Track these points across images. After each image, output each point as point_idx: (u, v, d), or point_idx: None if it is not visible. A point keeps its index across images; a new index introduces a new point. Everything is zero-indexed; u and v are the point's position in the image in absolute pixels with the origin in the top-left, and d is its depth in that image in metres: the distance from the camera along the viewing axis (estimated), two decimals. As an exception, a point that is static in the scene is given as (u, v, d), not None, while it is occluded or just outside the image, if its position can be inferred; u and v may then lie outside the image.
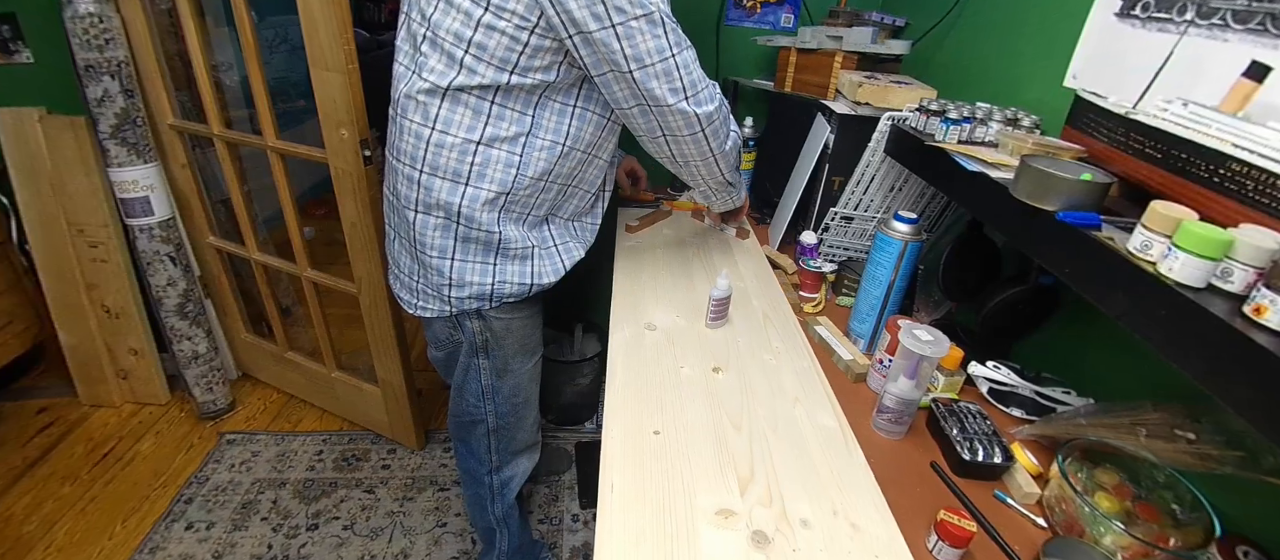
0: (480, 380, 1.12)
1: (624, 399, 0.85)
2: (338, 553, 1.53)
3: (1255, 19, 0.64)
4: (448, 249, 0.96)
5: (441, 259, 0.97)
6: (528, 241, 0.98)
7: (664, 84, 0.83)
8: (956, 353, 0.87)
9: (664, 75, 0.82)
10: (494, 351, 1.08)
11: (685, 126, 0.89)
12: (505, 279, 0.99)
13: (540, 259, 1.00)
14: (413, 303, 1.07)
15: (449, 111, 0.87)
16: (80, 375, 1.91)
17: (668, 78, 0.83)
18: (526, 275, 1.00)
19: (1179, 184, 0.61)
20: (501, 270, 0.99)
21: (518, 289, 1.00)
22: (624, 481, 0.71)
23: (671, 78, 0.83)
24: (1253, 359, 0.44)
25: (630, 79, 0.82)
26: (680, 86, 0.84)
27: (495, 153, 0.89)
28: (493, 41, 0.81)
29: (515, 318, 1.06)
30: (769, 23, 1.69)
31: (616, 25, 0.77)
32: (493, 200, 0.92)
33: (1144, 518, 0.69)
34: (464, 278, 0.98)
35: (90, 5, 1.43)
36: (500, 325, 1.05)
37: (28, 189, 1.71)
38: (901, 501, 0.72)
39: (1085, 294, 0.60)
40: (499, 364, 1.10)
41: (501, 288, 0.99)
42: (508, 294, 1.00)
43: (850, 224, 1.23)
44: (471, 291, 0.99)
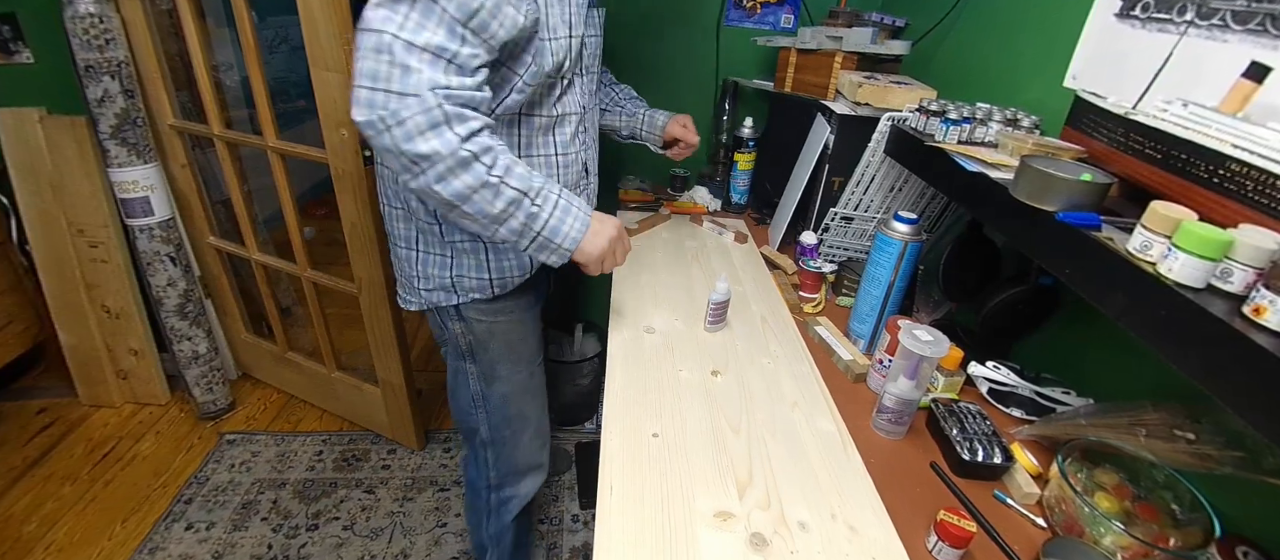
0: (469, 386, 1.08)
1: (623, 401, 0.85)
2: (338, 553, 1.53)
3: (1255, 19, 0.64)
4: (411, 239, 0.95)
5: (407, 249, 0.97)
6: (478, 237, 0.92)
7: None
8: (956, 353, 0.87)
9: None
10: (479, 355, 1.04)
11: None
12: (463, 273, 0.95)
13: (498, 253, 0.95)
14: (401, 295, 1.05)
15: None
16: (80, 375, 1.91)
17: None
18: (484, 269, 0.96)
19: (1179, 184, 0.61)
20: (459, 264, 0.95)
21: (478, 284, 0.96)
22: (623, 483, 0.71)
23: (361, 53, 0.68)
24: (1252, 359, 0.44)
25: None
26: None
27: None
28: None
29: (498, 320, 1.02)
30: (769, 23, 1.69)
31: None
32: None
33: (1144, 518, 0.69)
34: (427, 269, 0.96)
35: (90, 5, 1.43)
36: (482, 328, 1.01)
37: (28, 189, 1.71)
38: (901, 502, 0.72)
39: (1085, 294, 0.60)
40: (485, 369, 1.05)
41: (462, 281, 0.96)
42: (470, 288, 0.96)
43: (850, 224, 1.23)
44: (436, 284, 0.96)
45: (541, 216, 0.80)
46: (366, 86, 0.67)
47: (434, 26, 0.68)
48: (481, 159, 0.74)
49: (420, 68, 0.68)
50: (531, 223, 0.80)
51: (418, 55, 0.68)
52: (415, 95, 0.68)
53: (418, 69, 0.67)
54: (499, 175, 0.75)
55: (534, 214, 0.80)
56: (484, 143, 0.74)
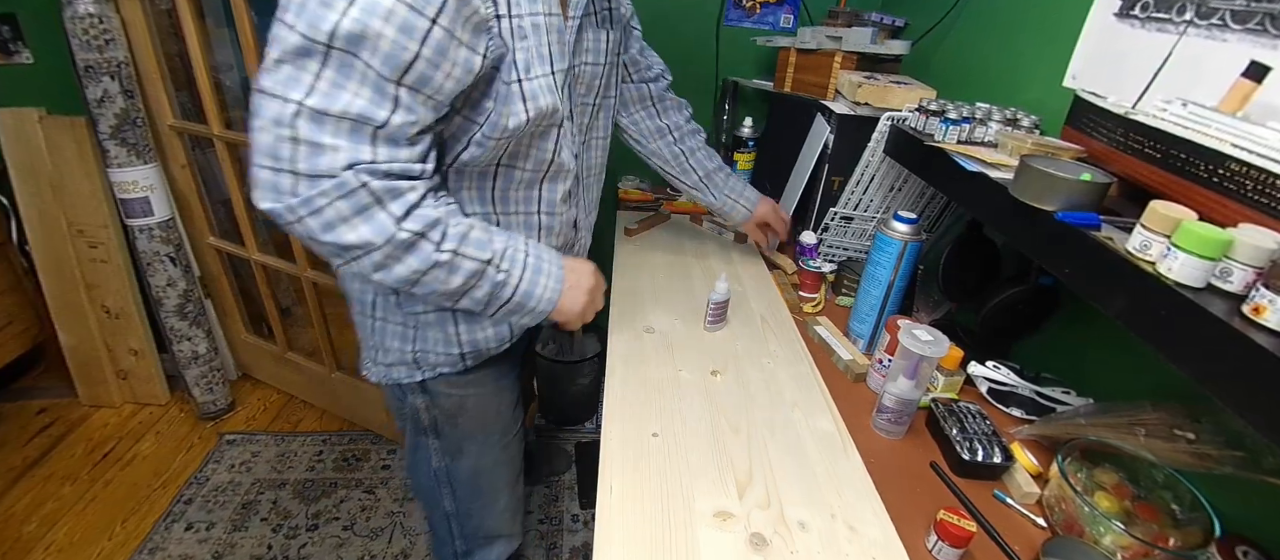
0: (430, 462, 0.93)
1: (623, 401, 0.85)
2: (338, 553, 1.53)
3: (1254, 19, 0.64)
4: (367, 304, 0.80)
5: (362, 316, 0.81)
6: (442, 303, 0.77)
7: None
8: (956, 353, 0.87)
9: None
10: (444, 431, 0.89)
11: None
12: (427, 347, 0.80)
13: (470, 322, 0.80)
14: (362, 364, 0.88)
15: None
16: (80, 375, 1.91)
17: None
18: (452, 343, 0.80)
19: (1178, 184, 0.61)
20: (422, 338, 0.80)
21: (446, 358, 0.81)
22: (623, 483, 0.71)
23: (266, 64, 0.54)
24: (1252, 359, 0.44)
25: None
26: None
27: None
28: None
29: (469, 393, 0.87)
30: (768, 23, 1.69)
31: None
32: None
33: (1143, 518, 0.69)
34: (385, 341, 0.81)
35: (90, 5, 1.43)
36: (450, 402, 0.86)
37: (28, 189, 1.71)
38: (901, 501, 0.72)
39: (1085, 294, 0.60)
40: (451, 445, 0.91)
41: (427, 357, 0.81)
42: (436, 363, 0.82)
43: (850, 224, 1.23)
44: (396, 358, 0.81)
45: (510, 284, 0.70)
46: (268, 167, 0.54)
47: (355, 88, 0.53)
48: (428, 236, 0.62)
49: (336, 144, 0.54)
50: (499, 291, 0.70)
51: (332, 128, 0.54)
52: (330, 177, 0.55)
53: (332, 146, 0.54)
54: (451, 248, 0.64)
55: (501, 282, 0.69)
56: (427, 216, 0.61)
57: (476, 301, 0.69)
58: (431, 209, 0.62)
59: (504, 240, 0.70)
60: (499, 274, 0.69)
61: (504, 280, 0.69)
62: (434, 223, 0.62)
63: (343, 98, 0.53)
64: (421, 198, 0.61)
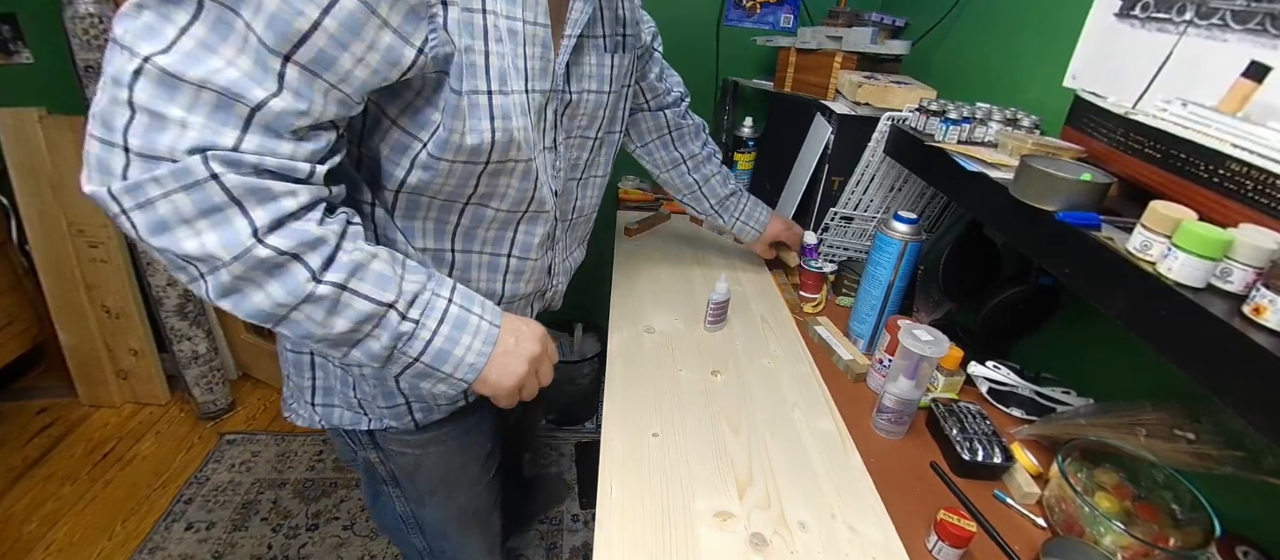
0: (395, 508, 0.83)
1: (623, 402, 0.85)
2: (338, 553, 1.53)
3: (1255, 19, 0.64)
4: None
5: (296, 351, 0.69)
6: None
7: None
8: (956, 353, 0.87)
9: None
10: (404, 484, 0.79)
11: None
12: (365, 395, 0.70)
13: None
14: (285, 402, 0.76)
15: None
16: (80, 375, 1.91)
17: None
18: (394, 396, 0.69)
19: (1178, 184, 0.61)
20: (359, 384, 0.69)
21: (391, 412, 0.70)
22: (623, 483, 0.71)
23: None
24: (1252, 359, 0.44)
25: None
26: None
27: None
28: None
29: (428, 451, 0.75)
30: (768, 23, 1.69)
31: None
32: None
33: (1144, 518, 0.69)
34: (318, 379, 0.69)
35: (90, 5, 1.43)
36: (406, 460, 0.75)
37: (28, 189, 1.71)
38: (901, 502, 0.72)
39: (1085, 294, 0.60)
40: (414, 496, 0.80)
41: (372, 405, 0.70)
42: (382, 415, 0.70)
43: (850, 224, 1.23)
44: (337, 398, 0.70)
45: (419, 338, 0.55)
46: (98, 138, 0.42)
47: (229, 54, 0.42)
48: (302, 259, 0.47)
49: (185, 118, 0.41)
50: (404, 346, 0.54)
51: (185, 98, 0.41)
52: (168, 160, 0.42)
53: (179, 120, 0.41)
54: (336, 281, 0.49)
55: (407, 334, 0.54)
56: (304, 233, 0.47)
57: (372, 356, 0.54)
58: (313, 225, 0.47)
59: (419, 279, 0.55)
60: (404, 323, 0.53)
61: (411, 333, 0.54)
62: (315, 242, 0.47)
63: (209, 62, 0.41)
64: (301, 208, 0.47)
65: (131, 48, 0.40)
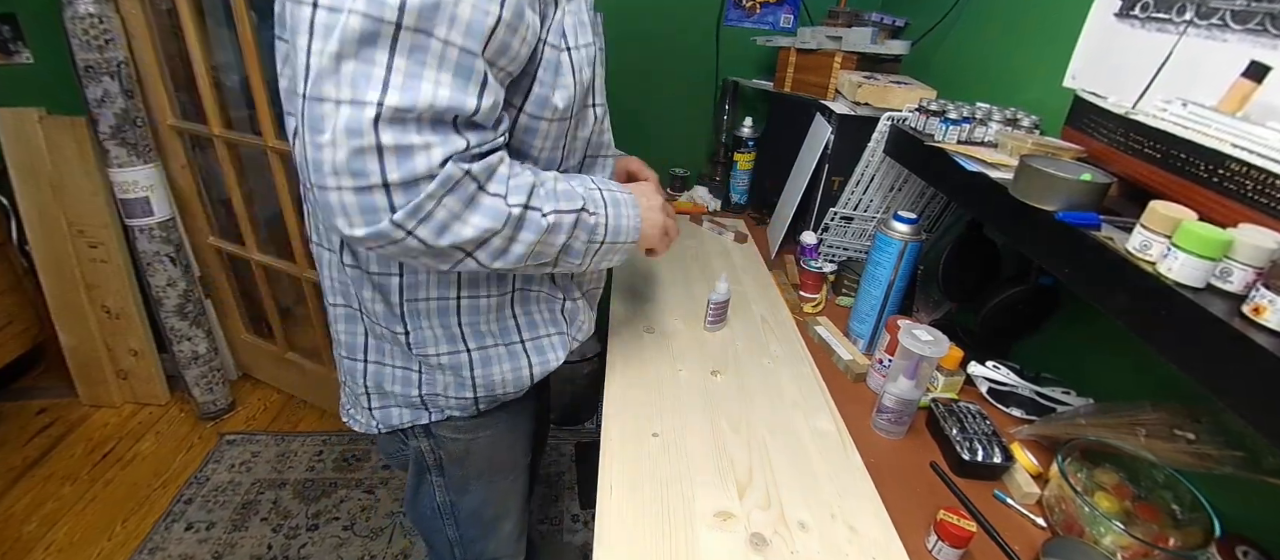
0: (433, 497, 0.86)
1: (623, 402, 0.85)
2: (338, 553, 1.53)
3: (1254, 19, 0.64)
4: (357, 347, 0.71)
5: (352, 360, 0.72)
6: (459, 346, 0.70)
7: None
8: (956, 353, 0.87)
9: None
10: (449, 470, 0.82)
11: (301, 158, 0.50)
12: (435, 390, 0.72)
13: (487, 363, 0.72)
14: (343, 407, 0.81)
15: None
16: (80, 375, 1.91)
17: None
18: (466, 387, 0.72)
19: (1178, 184, 0.61)
20: (429, 380, 0.72)
21: (458, 402, 0.73)
22: (623, 483, 0.71)
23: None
24: (1252, 359, 0.44)
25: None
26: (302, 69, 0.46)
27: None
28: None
29: (479, 436, 0.79)
30: (768, 23, 1.69)
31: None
32: (383, 284, 0.65)
33: (1143, 518, 0.69)
34: (381, 384, 0.72)
35: (90, 5, 1.43)
36: (457, 445, 0.78)
37: (28, 189, 1.71)
38: (901, 501, 0.72)
39: (1085, 294, 0.60)
40: (456, 483, 0.84)
41: (435, 399, 0.73)
42: (446, 406, 0.74)
43: (850, 224, 1.23)
44: (397, 401, 0.73)
45: (601, 224, 0.64)
46: (350, 188, 0.46)
47: (433, 75, 0.46)
48: (532, 204, 0.56)
49: (427, 140, 0.47)
50: (594, 236, 0.64)
51: (419, 124, 0.46)
52: (429, 177, 0.47)
53: (423, 144, 0.46)
54: (553, 209, 0.58)
55: (594, 225, 0.63)
56: (524, 183, 0.55)
57: (574, 255, 0.63)
58: (522, 174, 0.56)
59: (579, 182, 0.63)
60: (591, 218, 0.62)
61: (596, 222, 0.63)
62: (532, 188, 0.56)
63: (423, 89, 0.45)
64: (510, 167, 0.55)
65: (357, 99, 0.44)
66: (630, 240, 0.68)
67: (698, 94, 1.75)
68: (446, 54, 0.46)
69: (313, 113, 0.45)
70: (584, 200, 0.62)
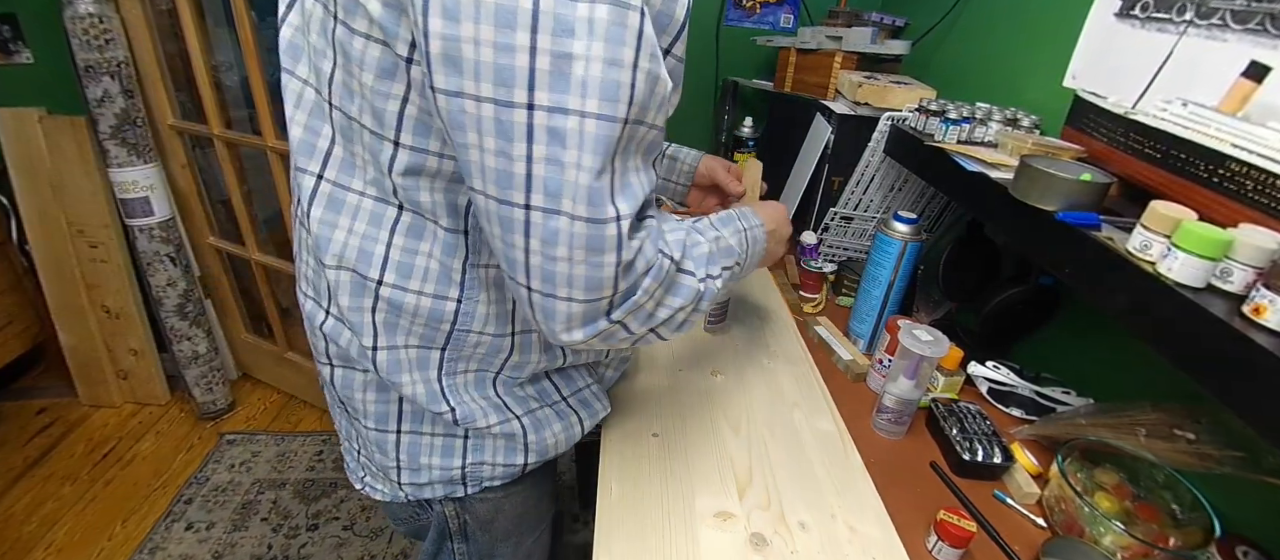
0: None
1: (623, 401, 0.85)
2: (338, 553, 1.53)
3: (1255, 19, 0.64)
4: (388, 416, 0.63)
5: (381, 432, 0.64)
6: (506, 414, 0.64)
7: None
8: (956, 353, 0.87)
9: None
10: (474, 536, 0.75)
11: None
12: (482, 459, 0.67)
13: (538, 426, 0.67)
14: (355, 473, 0.73)
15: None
16: (80, 375, 1.91)
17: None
18: (516, 452, 0.67)
19: (1178, 184, 0.61)
20: (476, 451, 0.66)
21: (505, 471, 0.68)
22: (622, 484, 0.71)
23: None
24: (1252, 359, 0.44)
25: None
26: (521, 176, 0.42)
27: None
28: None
29: (511, 495, 0.73)
30: (769, 23, 1.69)
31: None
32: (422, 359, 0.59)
33: (1143, 518, 0.69)
34: (417, 459, 0.66)
35: (90, 5, 1.43)
36: (486, 507, 0.72)
37: (28, 189, 1.71)
38: (901, 501, 0.72)
39: (1085, 294, 0.60)
40: (482, 549, 0.77)
41: (479, 471, 0.67)
42: (489, 477, 0.68)
43: (850, 224, 1.23)
44: (432, 478, 0.67)
45: (741, 267, 0.65)
46: (581, 301, 0.45)
47: (637, 163, 0.45)
48: (711, 274, 0.56)
49: (639, 241, 0.46)
50: (732, 280, 0.64)
51: (634, 226, 0.45)
52: (645, 273, 0.47)
53: (637, 243, 0.46)
54: (721, 268, 0.58)
55: (736, 273, 0.64)
56: (702, 251, 0.56)
57: (717, 298, 0.63)
58: (700, 243, 0.56)
59: (731, 230, 0.63)
60: (739, 268, 0.64)
61: (740, 269, 0.64)
62: (709, 256, 0.56)
63: (636, 184, 0.44)
64: (690, 234, 0.55)
65: (594, 216, 0.42)
66: (752, 268, 0.69)
67: (698, 94, 1.75)
68: (644, 139, 0.44)
69: (548, 228, 0.42)
70: (737, 254, 0.62)
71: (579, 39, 0.37)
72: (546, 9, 0.36)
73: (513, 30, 0.36)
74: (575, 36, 0.37)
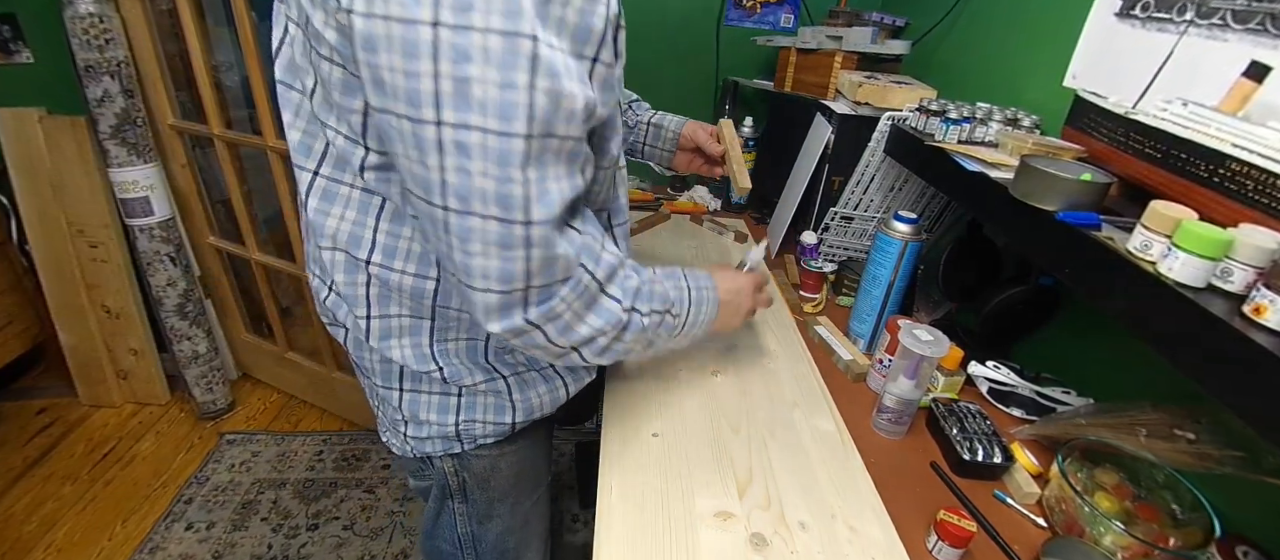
0: (455, 528, 0.84)
1: (622, 401, 0.85)
2: (338, 553, 1.53)
3: (1255, 19, 0.64)
4: (392, 374, 0.69)
5: (387, 388, 0.71)
6: (493, 374, 0.69)
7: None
8: (956, 353, 0.87)
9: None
10: (473, 495, 0.80)
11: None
12: (473, 417, 0.72)
13: (524, 386, 0.72)
14: (381, 427, 0.80)
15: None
16: (80, 375, 1.91)
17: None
18: (505, 411, 0.72)
19: (1179, 184, 0.61)
20: (468, 408, 0.71)
21: (495, 428, 0.74)
22: (623, 483, 0.71)
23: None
24: (1252, 359, 0.44)
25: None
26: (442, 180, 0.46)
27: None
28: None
29: (505, 453, 0.78)
30: (769, 23, 1.69)
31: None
32: (408, 327, 0.65)
33: (1144, 518, 0.69)
34: (417, 413, 0.71)
35: (90, 5, 1.43)
36: (483, 464, 0.78)
37: (28, 189, 1.71)
38: (901, 501, 0.72)
39: (1085, 294, 0.60)
40: (480, 509, 0.82)
41: (472, 428, 0.73)
42: (482, 434, 0.74)
43: (850, 224, 1.23)
44: (431, 432, 0.73)
45: (679, 326, 0.66)
46: (497, 291, 0.49)
47: (562, 177, 0.48)
48: (637, 308, 0.58)
49: (562, 246, 0.49)
50: (672, 333, 0.66)
51: (555, 229, 0.48)
52: (563, 280, 0.51)
53: (559, 247, 0.49)
54: (650, 310, 0.60)
55: (672, 327, 0.66)
56: (631, 285, 0.58)
57: (651, 347, 0.66)
58: (631, 277, 0.58)
59: (672, 282, 0.66)
60: (674, 320, 0.65)
61: (676, 323, 0.66)
62: (637, 291, 0.58)
63: (556, 191, 0.47)
64: (625, 269, 0.58)
65: (506, 217, 0.46)
66: (702, 332, 0.72)
67: (698, 94, 1.75)
68: (562, 149, 0.47)
69: (461, 226, 0.46)
70: (673, 303, 0.64)
71: (475, 64, 0.41)
72: (444, 39, 0.40)
73: (418, 59, 0.41)
74: (472, 62, 0.41)
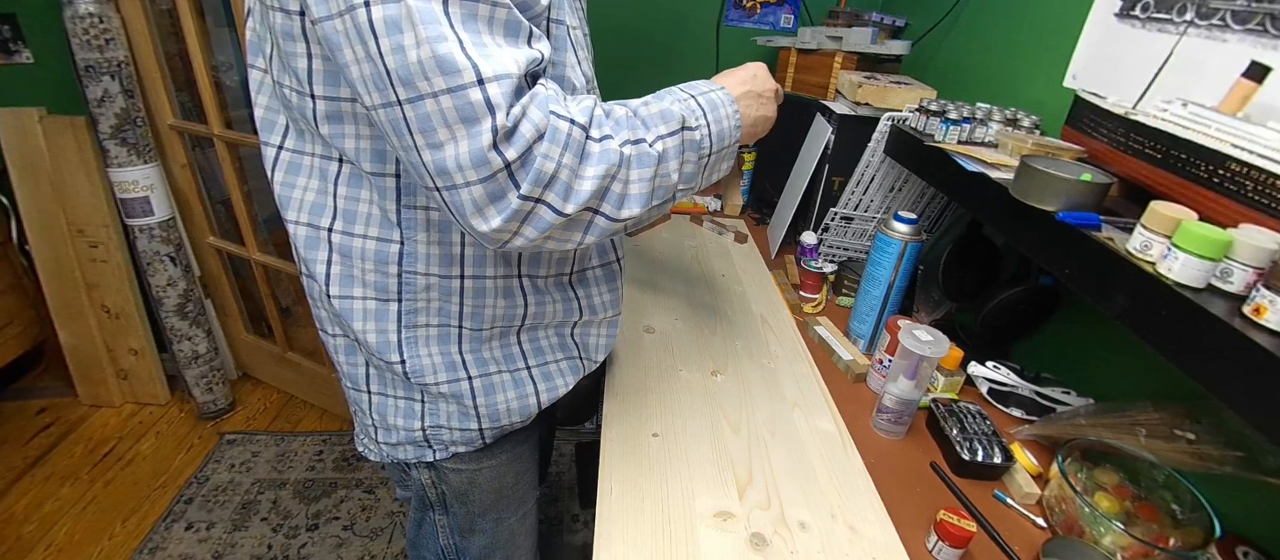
0: (438, 538, 0.82)
1: (623, 401, 0.85)
2: (338, 553, 1.53)
3: (1255, 19, 0.64)
4: (360, 377, 0.68)
5: (356, 391, 0.69)
6: (459, 373, 0.66)
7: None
8: (956, 353, 0.87)
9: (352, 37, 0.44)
10: (453, 508, 0.79)
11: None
12: (438, 422, 0.69)
13: (490, 391, 0.68)
14: (357, 436, 0.78)
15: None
16: (80, 375, 1.91)
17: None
18: (469, 417, 0.69)
19: (1179, 184, 0.61)
20: (432, 412, 0.68)
21: (462, 436, 0.70)
22: (623, 483, 0.71)
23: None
24: (1252, 359, 0.44)
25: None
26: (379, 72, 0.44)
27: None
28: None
29: (483, 467, 0.75)
30: (769, 23, 1.69)
31: None
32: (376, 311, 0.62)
33: (1144, 518, 0.69)
34: (386, 418, 0.69)
35: (90, 5, 1.43)
36: (460, 479, 0.75)
37: (28, 189, 1.71)
38: (901, 501, 0.72)
39: (1085, 294, 0.60)
40: (461, 522, 0.80)
41: (439, 434, 0.70)
42: (450, 441, 0.70)
43: (850, 224, 1.23)
44: (401, 436, 0.70)
45: (705, 134, 0.59)
46: (477, 179, 0.45)
47: (501, 44, 0.45)
48: (637, 138, 0.53)
49: (521, 106, 0.45)
50: (701, 152, 0.59)
51: (511, 93, 0.44)
52: (536, 137, 0.45)
53: (519, 109, 0.45)
54: (656, 135, 0.54)
55: (700, 141, 0.58)
56: (620, 114, 0.53)
57: (688, 179, 0.58)
58: (616, 110, 0.54)
59: (670, 97, 0.59)
60: (695, 133, 0.58)
61: (701, 136, 0.58)
62: (630, 121, 0.53)
63: (497, 55, 0.44)
64: (603, 106, 0.52)
65: (456, 86, 0.43)
66: (736, 140, 0.64)
67: (698, 94, 1.75)
68: (494, 16, 0.44)
69: (419, 115, 0.43)
70: (683, 116, 0.57)
71: None
72: None
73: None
74: None
